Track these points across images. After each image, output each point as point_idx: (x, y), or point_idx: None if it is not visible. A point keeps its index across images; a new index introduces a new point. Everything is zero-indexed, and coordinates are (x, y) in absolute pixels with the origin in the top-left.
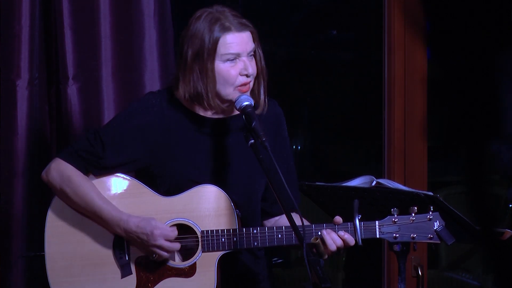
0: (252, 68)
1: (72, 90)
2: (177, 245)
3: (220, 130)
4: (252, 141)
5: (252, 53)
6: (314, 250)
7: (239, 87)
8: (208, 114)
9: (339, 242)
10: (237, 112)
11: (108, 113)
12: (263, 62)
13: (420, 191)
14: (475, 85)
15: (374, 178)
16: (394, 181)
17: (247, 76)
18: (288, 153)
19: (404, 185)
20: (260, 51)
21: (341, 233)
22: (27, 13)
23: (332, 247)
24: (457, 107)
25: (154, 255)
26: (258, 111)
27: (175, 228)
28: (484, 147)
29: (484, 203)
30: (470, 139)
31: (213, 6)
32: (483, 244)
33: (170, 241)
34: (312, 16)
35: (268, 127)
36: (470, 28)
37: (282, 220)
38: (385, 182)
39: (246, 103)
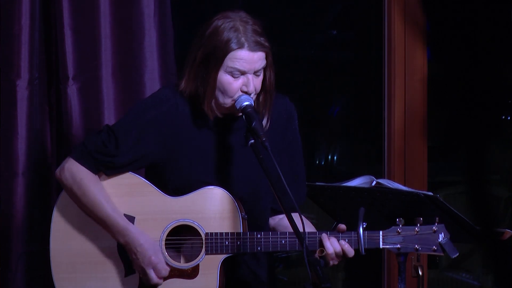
0: (253, 86)
1: (72, 90)
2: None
3: (228, 128)
4: (252, 141)
5: (260, 71)
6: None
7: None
8: (217, 113)
9: (338, 248)
10: None
11: (108, 113)
12: (272, 81)
13: (420, 191)
14: (475, 85)
15: (374, 178)
16: (394, 181)
17: (247, 93)
18: (298, 149)
19: (404, 185)
20: (271, 70)
21: (342, 242)
22: (27, 13)
23: (330, 250)
24: (457, 107)
25: (140, 274)
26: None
27: (168, 268)
28: (484, 147)
29: (484, 203)
30: (470, 139)
31: (238, 12)
32: (483, 244)
33: (158, 276)
34: (312, 16)
35: (278, 122)
36: (470, 28)
37: (285, 220)
38: (385, 182)
39: (246, 103)
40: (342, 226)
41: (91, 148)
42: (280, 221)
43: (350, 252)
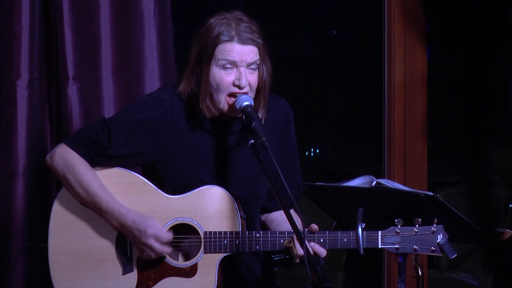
0: (246, 80)
1: (72, 90)
2: (167, 249)
3: (226, 130)
4: (252, 141)
5: (254, 66)
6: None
7: (229, 97)
8: (215, 111)
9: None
10: None
11: (108, 113)
12: (265, 78)
13: (420, 191)
14: (475, 85)
15: (374, 178)
16: (394, 181)
17: (239, 87)
18: (293, 150)
19: (404, 185)
20: (265, 67)
21: (312, 244)
22: (27, 13)
23: (299, 251)
24: (457, 107)
25: (144, 253)
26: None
27: (171, 232)
28: (484, 147)
29: (484, 203)
30: (470, 139)
31: (233, 12)
32: (483, 244)
33: (162, 243)
34: (312, 16)
35: (275, 124)
36: (469, 28)
37: (276, 215)
38: (385, 182)
39: (246, 103)
40: (314, 227)
41: (84, 136)
42: (269, 216)
43: (322, 253)
